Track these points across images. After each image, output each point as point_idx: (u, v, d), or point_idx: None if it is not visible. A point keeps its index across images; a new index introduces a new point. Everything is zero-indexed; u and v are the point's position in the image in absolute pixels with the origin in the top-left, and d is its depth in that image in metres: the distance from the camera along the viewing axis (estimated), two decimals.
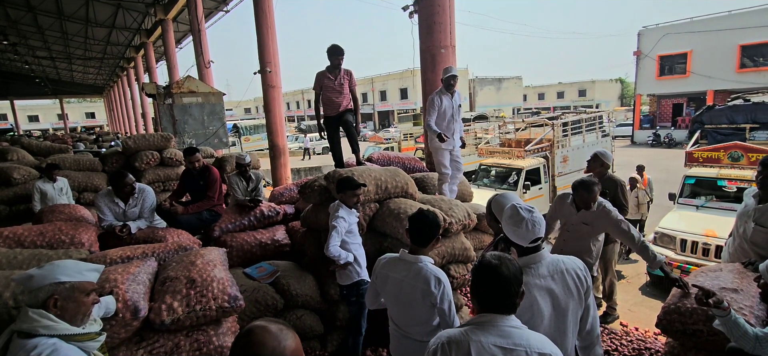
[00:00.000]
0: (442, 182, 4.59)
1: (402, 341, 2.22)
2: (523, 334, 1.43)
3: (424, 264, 2.08)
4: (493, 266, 1.46)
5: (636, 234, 3.00)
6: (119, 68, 28.26)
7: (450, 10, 5.26)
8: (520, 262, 1.78)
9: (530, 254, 1.83)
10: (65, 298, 1.57)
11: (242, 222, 4.28)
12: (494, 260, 1.48)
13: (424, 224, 2.12)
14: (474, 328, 1.45)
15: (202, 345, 2.41)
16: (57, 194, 5.30)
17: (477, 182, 9.35)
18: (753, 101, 8.28)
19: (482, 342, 1.39)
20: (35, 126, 47.21)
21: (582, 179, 3.14)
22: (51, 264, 1.62)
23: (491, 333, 1.41)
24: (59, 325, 1.53)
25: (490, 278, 1.46)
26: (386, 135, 28.36)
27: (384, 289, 2.24)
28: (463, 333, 1.44)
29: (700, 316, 2.38)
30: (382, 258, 2.30)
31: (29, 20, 16.66)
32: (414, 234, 2.14)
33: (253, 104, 61.78)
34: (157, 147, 6.71)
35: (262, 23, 8.82)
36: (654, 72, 23.58)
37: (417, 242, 2.14)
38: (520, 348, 1.39)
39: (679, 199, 6.45)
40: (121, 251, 3.04)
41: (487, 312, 1.47)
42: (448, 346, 1.43)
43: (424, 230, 2.12)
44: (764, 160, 2.83)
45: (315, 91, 4.52)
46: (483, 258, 1.52)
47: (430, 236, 2.13)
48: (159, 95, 10.37)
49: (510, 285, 1.44)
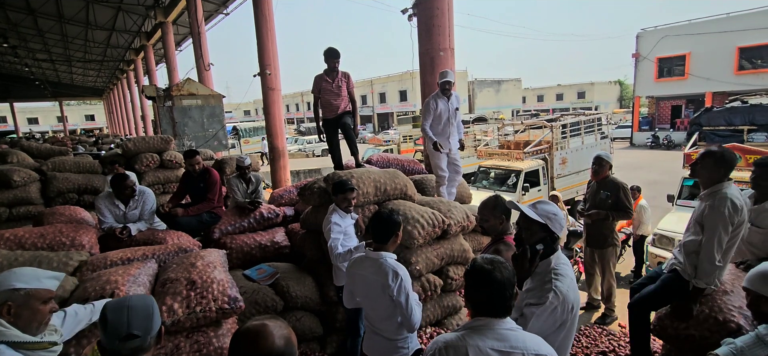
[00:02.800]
0: (439, 184, 4.62)
1: (372, 337, 2.34)
2: (520, 336, 1.44)
3: (384, 260, 2.21)
4: (486, 271, 1.47)
5: None
6: (119, 71, 28.28)
7: (449, 13, 5.28)
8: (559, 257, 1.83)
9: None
10: (20, 305, 1.56)
11: (242, 224, 4.30)
12: (487, 264, 1.48)
13: (381, 222, 2.28)
14: (470, 332, 1.46)
15: (202, 347, 2.42)
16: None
17: (476, 184, 9.38)
18: (751, 103, 8.32)
19: (479, 347, 1.40)
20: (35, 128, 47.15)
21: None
22: (9, 271, 1.63)
23: (488, 337, 1.42)
24: (9, 332, 1.52)
25: (484, 283, 1.47)
26: (385, 137, 28.36)
27: (355, 288, 2.37)
28: (460, 337, 1.45)
29: (692, 321, 2.40)
30: (352, 259, 2.44)
31: (29, 23, 16.69)
32: (374, 233, 2.29)
33: (253, 106, 61.80)
34: (157, 149, 6.72)
35: (261, 26, 8.85)
36: (653, 74, 23.63)
37: (377, 239, 2.29)
38: (517, 350, 1.40)
39: (678, 200, 6.48)
40: (121, 253, 3.06)
41: (482, 316, 1.48)
42: (445, 351, 1.44)
43: (381, 228, 2.27)
44: (757, 161, 2.87)
45: (314, 94, 4.54)
46: (475, 262, 1.52)
47: (388, 233, 2.26)
48: (159, 98, 10.38)
49: (504, 289, 1.45)
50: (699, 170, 2.50)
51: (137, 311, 1.35)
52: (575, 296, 1.79)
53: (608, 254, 4.25)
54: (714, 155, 2.43)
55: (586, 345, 3.45)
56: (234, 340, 1.20)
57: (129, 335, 1.30)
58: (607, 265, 4.28)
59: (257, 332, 1.18)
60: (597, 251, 4.31)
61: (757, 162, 2.85)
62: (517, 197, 8.49)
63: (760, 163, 2.82)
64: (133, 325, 1.32)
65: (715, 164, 2.42)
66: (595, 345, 3.45)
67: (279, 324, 1.23)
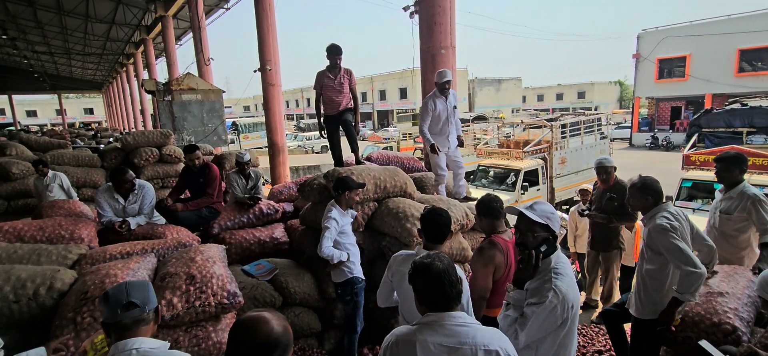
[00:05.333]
0: (438, 183, 4.62)
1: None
2: (470, 331, 1.45)
3: None
4: (424, 265, 1.51)
5: None
6: (118, 64, 28.20)
7: (450, 11, 5.28)
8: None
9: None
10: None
11: (241, 220, 4.30)
12: (426, 259, 1.52)
13: (437, 222, 2.15)
14: (422, 327, 1.49)
15: (201, 341, 2.43)
16: (45, 189, 5.29)
17: (475, 182, 9.39)
18: (750, 105, 8.35)
19: (427, 341, 1.43)
20: (33, 121, 47.03)
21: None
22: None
23: (438, 333, 1.45)
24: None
25: (424, 277, 1.50)
26: (385, 134, 28.34)
27: (401, 286, 2.23)
28: (412, 332, 1.49)
29: (688, 324, 2.42)
30: (398, 255, 2.30)
31: (28, 15, 16.61)
32: (428, 232, 2.18)
33: (253, 101, 61.69)
34: (157, 144, 6.72)
35: (262, 21, 8.83)
36: (653, 75, 23.62)
37: (431, 239, 2.17)
38: (466, 345, 1.42)
39: (676, 202, 6.50)
40: (120, 247, 3.07)
41: (432, 312, 1.50)
42: (396, 346, 1.49)
43: (437, 227, 2.15)
44: (717, 157, 3.17)
45: (315, 90, 4.53)
46: (415, 260, 1.57)
47: (444, 233, 2.15)
48: (158, 92, 10.35)
49: (442, 278, 1.47)
50: (631, 201, 2.62)
51: (135, 285, 1.51)
52: (575, 294, 1.80)
53: (613, 256, 4.25)
54: (634, 186, 2.55)
55: (583, 343, 3.47)
56: (233, 329, 1.25)
57: (129, 304, 1.45)
58: (610, 267, 4.28)
59: (256, 319, 1.23)
60: (602, 254, 4.31)
61: (717, 158, 3.15)
62: (516, 196, 8.51)
63: (719, 158, 3.13)
64: (132, 295, 1.46)
65: (639, 193, 2.53)
66: (591, 343, 3.47)
67: (277, 314, 1.29)
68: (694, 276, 2.20)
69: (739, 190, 3.05)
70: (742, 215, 3.01)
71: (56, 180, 5.41)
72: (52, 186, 5.35)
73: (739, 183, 3.07)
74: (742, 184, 3.06)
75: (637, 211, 2.67)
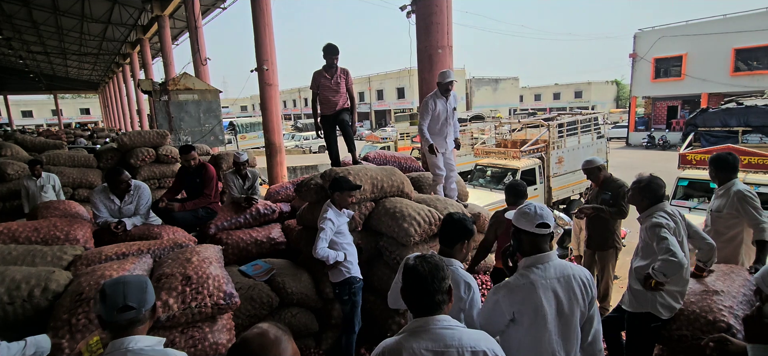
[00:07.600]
0: (436, 183, 4.62)
1: None
2: (455, 334, 1.44)
3: (454, 268, 2.01)
4: (409, 267, 1.50)
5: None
6: (115, 64, 28.07)
7: (448, 11, 5.28)
8: (527, 261, 1.84)
9: (537, 254, 1.84)
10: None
11: (238, 220, 4.29)
12: (412, 261, 1.51)
13: (451, 224, 2.14)
14: (408, 335, 1.47)
15: (197, 342, 2.42)
16: (39, 190, 5.26)
17: (473, 182, 9.39)
18: (746, 104, 8.36)
19: (414, 348, 1.41)
20: (29, 122, 46.75)
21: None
22: None
23: (423, 338, 1.43)
24: None
25: (409, 280, 1.50)
26: (383, 134, 28.34)
27: None
28: (398, 341, 1.47)
29: (683, 322, 2.42)
30: (409, 257, 2.29)
31: (24, 15, 16.51)
32: (442, 236, 2.17)
33: (250, 101, 61.55)
34: (153, 144, 6.68)
35: (259, 21, 8.81)
36: (649, 74, 23.72)
37: (445, 243, 2.15)
38: (452, 348, 1.41)
39: (672, 201, 6.51)
40: (116, 248, 3.05)
41: (418, 317, 1.49)
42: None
43: (449, 230, 2.13)
44: (709, 158, 3.25)
45: (312, 90, 4.53)
46: (405, 262, 1.56)
47: (457, 237, 2.11)
48: (155, 92, 10.31)
49: (425, 282, 1.46)
50: (629, 196, 2.73)
51: (132, 286, 1.49)
52: (533, 298, 1.88)
53: (609, 256, 4.24)
54: (638, 183, 2.62)
55: None
56: (237, 349, 1.11)
57: (125, 306, 1.43)
58: (606, 266, 4.28)
59: (266, 336, 1.10)
60: (598, 253, 4.31)
61: (710, 160, 3.24)
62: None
63: (712, 160, 3.21)
64: (129, 298, 1.45)
65: (639, 192, 2.60)
66: None
67: (284, 330, 1.16)
68: (673, 264, 2.26)
69: (727, 187, 3.12)
70: (731, 212, 3.07)
71: (50, 181, 5.39)
72: (47, 187, 5.33)
73: (730, 181, 3.13)
74: (732, 181, 3.12)
75: (632, 206, 2.74)
